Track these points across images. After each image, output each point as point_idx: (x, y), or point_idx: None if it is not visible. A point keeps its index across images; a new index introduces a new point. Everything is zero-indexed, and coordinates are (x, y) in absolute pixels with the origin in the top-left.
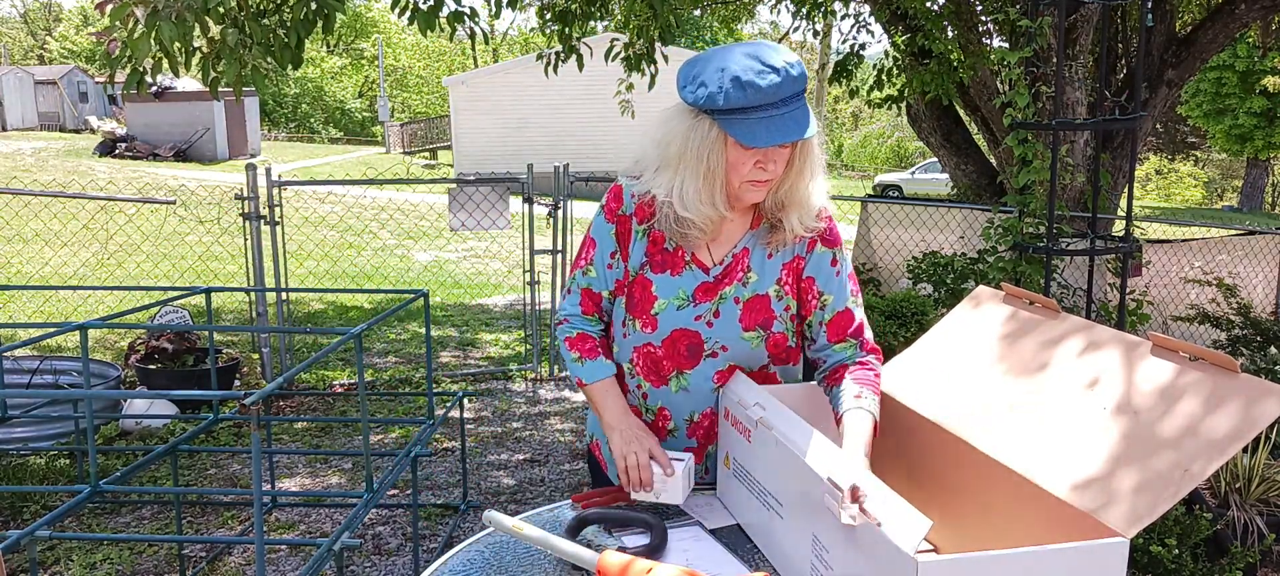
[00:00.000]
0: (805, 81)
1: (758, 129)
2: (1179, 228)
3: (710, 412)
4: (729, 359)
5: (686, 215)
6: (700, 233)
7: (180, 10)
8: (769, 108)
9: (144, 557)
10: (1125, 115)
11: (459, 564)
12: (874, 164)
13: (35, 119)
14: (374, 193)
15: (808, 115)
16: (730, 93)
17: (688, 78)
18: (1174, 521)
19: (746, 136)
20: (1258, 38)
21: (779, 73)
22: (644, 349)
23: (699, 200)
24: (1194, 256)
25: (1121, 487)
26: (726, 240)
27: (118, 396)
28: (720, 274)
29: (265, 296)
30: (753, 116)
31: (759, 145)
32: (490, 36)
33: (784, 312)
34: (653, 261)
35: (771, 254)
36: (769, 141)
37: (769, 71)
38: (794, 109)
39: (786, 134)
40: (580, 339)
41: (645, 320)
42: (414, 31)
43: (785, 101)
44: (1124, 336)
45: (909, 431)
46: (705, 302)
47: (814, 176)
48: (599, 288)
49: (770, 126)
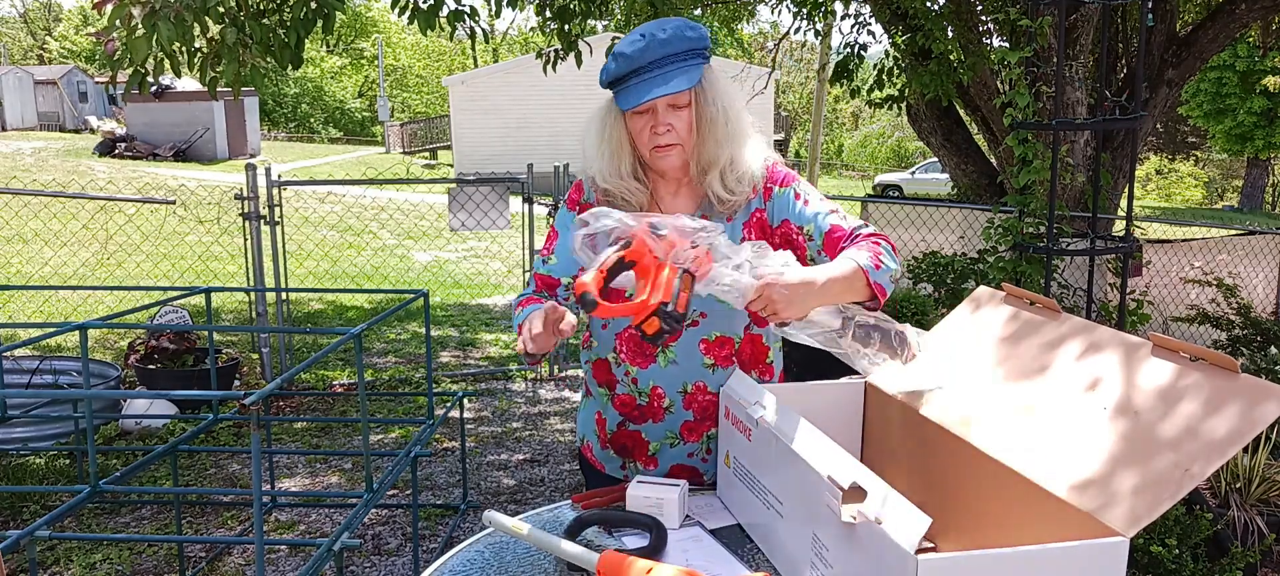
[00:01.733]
0: (683, 43)
1: (630, 92)
2: (1179, 227)
3: (703, 386)
4: (711, 326)
5: (608, 188)
6: (625, 204)
7: (179, 10)
8: (641, 72)
9: (144, 557)
10: (1125, 115)
11: (459, 564)
12: (874, 164)
13: (35, 119)
14: (374, 192)
15: (681, 73)
16: (610, 66)
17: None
18: (1174, 521)
19: (622, 100)
20: (1258, 38)
21: (645, 38)
22: (625, 332)
23: (610, 172)
24: (1194, 256)
25: (1121, 488)
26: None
27: (118, 396)
28: None
29: (265, 296)
30: (629, 83)
31: (628, 107)
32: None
33: None
34: None
35: (729, 217)
36: (634, 101)
37: (638, 39)
38: (665, 70)
39: (649, 91)
40: (523, 303)
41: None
42: (414, 31)
43: (655, 64)
44: (1124, 337)
45: (909, 431)
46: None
47: (731, 141)
48: (558, 274)
49: (639, 88)
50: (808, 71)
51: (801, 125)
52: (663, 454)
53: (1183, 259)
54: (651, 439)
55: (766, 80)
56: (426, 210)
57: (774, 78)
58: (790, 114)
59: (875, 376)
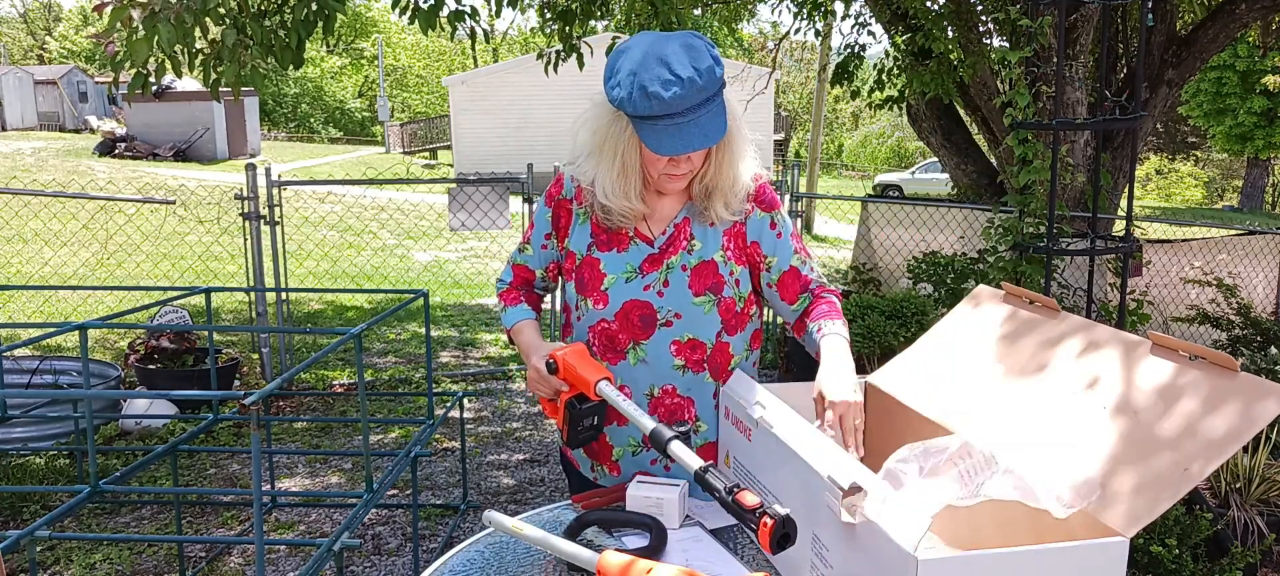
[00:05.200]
0: (715, 83)
1: (664, 138)
2: (1179, 228)
3: (672, 389)
4: (684, 327)
5: (608, 205)
6: (623, 219)
7: (179, 11)
8: (675, 116)
9: (144, 557)
10: (1125, 115)
11: (459, 564)
12: (874, 164)
13: (35, 119)
14: (374, 192)
15: (718, 120)
16: (637, 101)
17: (609, 71)
18: (1174, 521)
19: (654, 144)
20: (1258, 38)
21: (682, 83)
22: (598, 326)
23: (615, 192)
24: (1194, 256)
25: (1121, 487)
26: (665, 214)
27: (118, 396)
28: (664, 244)
29: (265, 296)
30: (660, 124)
31: (665, 154)
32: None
33: (731, 278)
34: (598, 241)
35: (712, 222)
36: (673, 151)
37: (674, 82)
38: (701, 115)
39: (690, 144)
40: (507, 292)
41: (596, 297)
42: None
43: (691, 110)
44: (1124, 336)
45: (909, 430)
46: (652, 272)
47: (736, 164)
48: (533, 265)
49: (675, 136)
50: (808, 71)
51: (801, 125)
52: (625, 461)
53: (1183, 259)
54: (616, 443)
55: (766, 80)
56: (426, 210)
57: (774, 78)
58: (790, 114)
59: (875, 376)
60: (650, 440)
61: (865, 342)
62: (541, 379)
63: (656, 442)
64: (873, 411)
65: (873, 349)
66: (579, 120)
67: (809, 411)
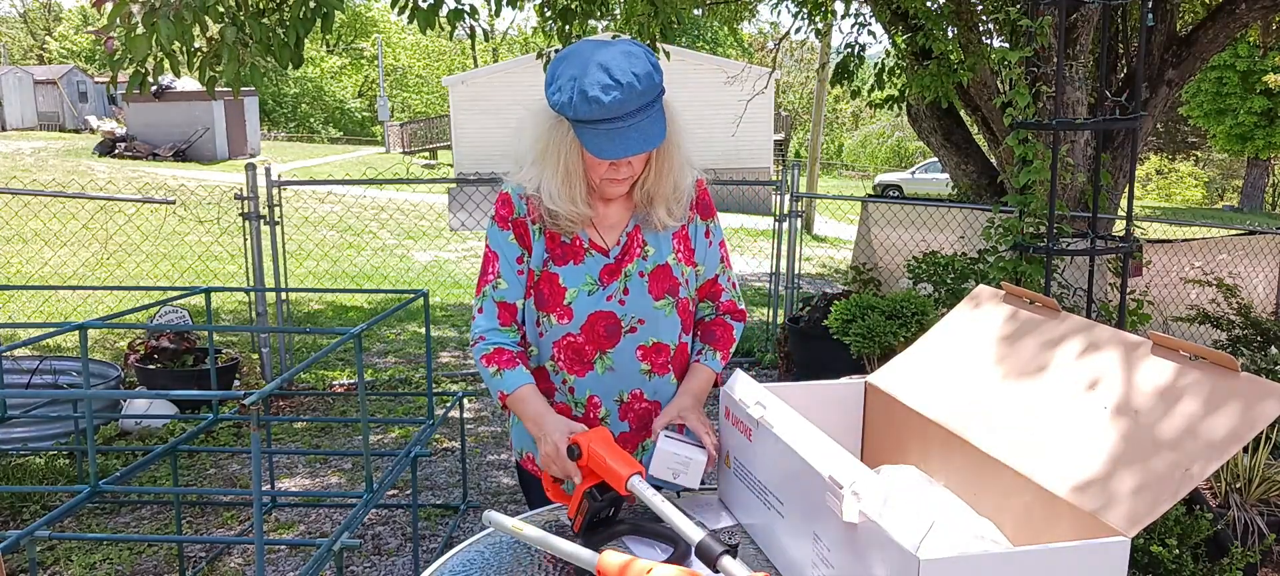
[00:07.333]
0: (654, 89)
1: (603, 142)
2: (1179, 228)
3: (639, 393)
4: (648, 332)
5: (555, 209)
6: (570, 224)
7: (178, 8)
8: (615, 121)
9: (144, 557)
10: (1125, 115)
11: (459, 564)
12: (874, 164)
13: (35, 119)
14: (374, 192)
15: (657, 125)
16: (578, 105)
17: (550, 76)
18: (1174, 521)
19: (594, 148)
20: (1258, 38)
21: (621, 88)
22: (563, 341)
23: (561, 197)
24: (1194, 256)
25: (1122, 487)
26: (615, 224)
27: (118, 396)
28: (619, 253)
29: (265, 296)
30: (600, 128)
31: (605, 158)
32: (490, 35)
33: (684, 280)
34: (554, 256)
35: (658, 228)
36: (613, 154)
37: (613, 87)
38: (641, 120)
39: (630, 148)
40: (496, 353)
41: (560, 311)
42: (414, 31)
43: (631, 114)
44: (1124, 336)
45: (909, 431)
46: (612, 282)
47: (676, 169)
48: (513, 297)
49: (614, 139)
50: (808, 71)
51: (801, 125)
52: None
53: (1183, 259)
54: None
55: (766, 80)
56: (426, 210)
57: (774, 78)
58: (790, 114)
59: (875, 377)
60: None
61: (865, 342)
62: (559, 459)
63: (705, 557)
64: (873, 412)
65: (873, 349)
66: (519, 128)
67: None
